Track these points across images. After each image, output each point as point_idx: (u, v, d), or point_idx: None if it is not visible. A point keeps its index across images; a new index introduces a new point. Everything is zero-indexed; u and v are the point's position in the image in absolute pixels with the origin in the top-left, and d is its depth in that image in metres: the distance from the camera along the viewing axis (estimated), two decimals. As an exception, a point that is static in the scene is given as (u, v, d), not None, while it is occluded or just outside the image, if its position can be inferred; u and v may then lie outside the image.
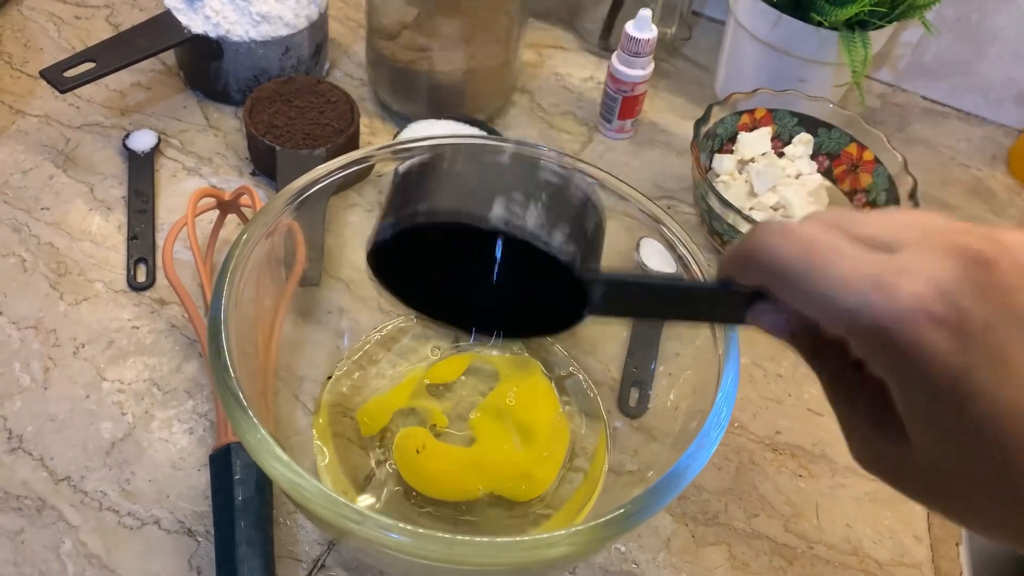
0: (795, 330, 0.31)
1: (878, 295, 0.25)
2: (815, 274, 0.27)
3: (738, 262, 0.30)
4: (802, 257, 0.27)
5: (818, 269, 0.27)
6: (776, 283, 0.29)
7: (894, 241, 0.27)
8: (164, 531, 0.49)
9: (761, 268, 0.29)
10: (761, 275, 0.29)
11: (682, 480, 0.39)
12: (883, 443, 0.29)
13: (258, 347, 0.49)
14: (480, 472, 0.52)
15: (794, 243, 0.28)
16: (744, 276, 0.31)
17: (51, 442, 0.52)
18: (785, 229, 0.29)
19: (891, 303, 0.25)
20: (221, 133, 0.72)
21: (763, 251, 0.29)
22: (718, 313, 0.35)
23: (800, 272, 0.27)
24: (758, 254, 0.29)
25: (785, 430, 0.59)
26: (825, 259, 0.27)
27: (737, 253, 0.30)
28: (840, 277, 0.26)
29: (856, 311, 0.26)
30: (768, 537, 0.53)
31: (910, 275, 0.25)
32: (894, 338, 0.25)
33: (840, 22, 0.69)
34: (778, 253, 0.28)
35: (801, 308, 0.28)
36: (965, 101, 0.86)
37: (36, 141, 0.69)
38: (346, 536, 0.42)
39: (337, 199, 0.56)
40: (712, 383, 0.45)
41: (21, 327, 0.58)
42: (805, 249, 0.27)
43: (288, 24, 0.71)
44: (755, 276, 0.30)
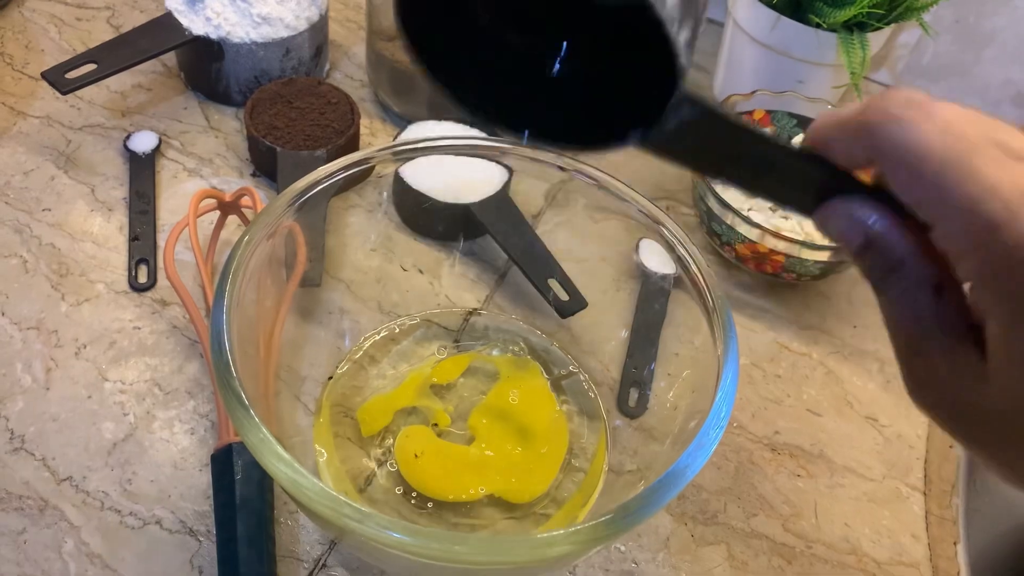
0: (873, 238, 0.27)
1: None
2: (962, 172, 0.23)
3: (853, 129, 0.26)
4: (949, 148, 0.24)
5: (967, 167, 0.23)
6: (901, 170, 0.25)
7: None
8: (166, 531, 0.49)
9: (887, 147, 0.25)
10: (882, 155, 0.25)
11: (681, 479, 0.40)
12: (956, 380, 0.26)
13: (259, 348, 0.49)
14: (480, 473, 0.52)
15: (940, 129, 0.24)
16: (849, 150, 0.26)
17: (53, 442, 0.52)
18: (927, 107, 0.25)
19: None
20: (222, 134, 0.73)
21: (897, 126, 0.24)
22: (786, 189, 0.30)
23: (944, 165, 0.24)
24: (889, 128, 0.25)
25: (784, 430, 0.59)
26: (974, 158, 0.23)
27: (856, 119, 0.26)
28: (990, 184, 0.23)
29: (1000, 226, 0.23)
30: (767, 537, 0.54)
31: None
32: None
33: (838, 24, 0.69)
34: (918, 135, 0.24)
35: (924, 208, 0.24)
36: (963, 102, 0.86)
37: (37, 142, 0.70)
38: (347, 535, 0.42)
39: (338, 200, 0.56)
40: (711, 383, 0.45)
41: (23, 328, 0.58)
42: (954, 139, 0.24)
43: (289, 26, 0.71)
44: (867, 153, 0.25)
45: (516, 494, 0.51)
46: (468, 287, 0.63)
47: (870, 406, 0.61)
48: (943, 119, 0.24)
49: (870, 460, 0.58)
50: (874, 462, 0.58)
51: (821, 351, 0.64)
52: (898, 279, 0.27)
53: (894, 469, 0.58)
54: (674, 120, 0.26)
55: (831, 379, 0.62)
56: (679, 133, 0.27)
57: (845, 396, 0.62)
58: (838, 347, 0.65)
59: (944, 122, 0.24)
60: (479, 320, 0.61)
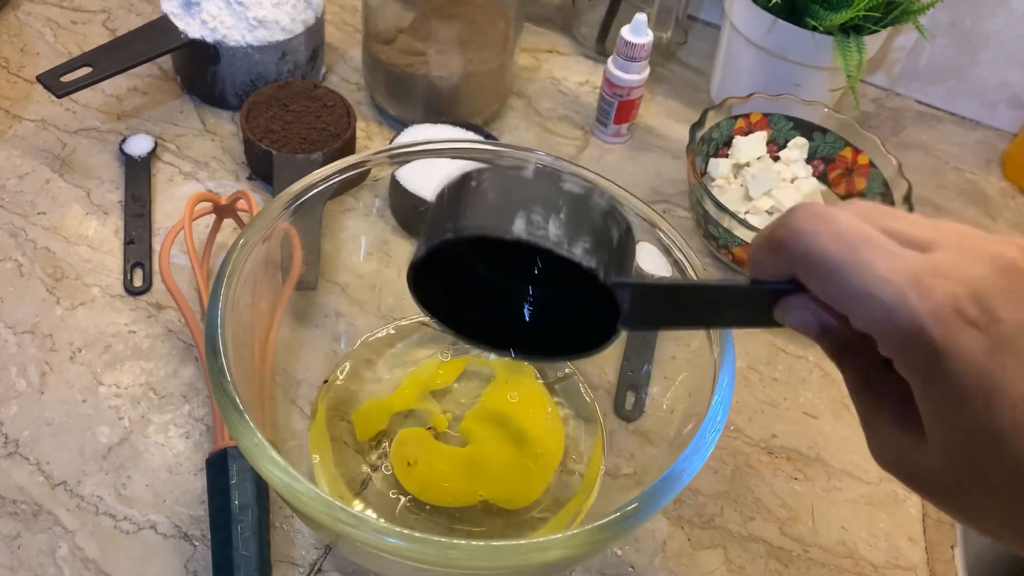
0: (824, 327, 0.30)
1: (915, 294, 0.25)
2: (854, 269, 0.26)
3: (771, 247, 0.29)
4: (841, 250, 0.27)
5: (857, 264, 0.26)
6: (810, 275, 0.28)
7: (928, 241, 0.27)
8: (160, 536, 0.49)
9: (796, 257, 0.28)
10: (795, 265, 0.28)
11: (678, 483, 0.39)
12: (903, 442, 0.28)
13: (255, 351, 0.49)
14: (475, 478, 0.52)
15: (833, 235, 0.27)
16: (775, 264, 0.30)
17: (47, 447, 0.52)
18: (823, 217, 0.28)
19: (926, 302, 0.25)
20: (218, 138, 0.73)
21: (800, 239, 0.28)
22: (747, 313, 0.34)
23: (838, 266, 0.27)
24: (794, 242, 0.28)
25: (781, 433, 0.59)
26: (864, 254, 0.27)
27: (771, 238, 0.29)
28: (879, 275, 0.26)
29: (892, 309, 0.26)
30: (764, 540, 0.53)
31: (945, 276, 0.25)
32: (925, 337, 0.25)
33: (835, 27, 0.69)
34: (816, 243, 0.27)
35: (834, 302, 0.28)
36: (959, 105, 0.87)
37: (33, 146, 0.70)
38: (342, 540, 0.42)
39: (333, 203, 0.56)
40: (708, 386, 0.45)
41: (18, 332, 0.58)
42: (845, 242, 0.27)
43: (285, 29, 0.71)
44: (787, 265, 0.29)
45: (511, 500, 0.51)
46: (464, 290, 0.62)
47: (867, 409, 0.61)
48: (836, 225, 0.27)
49: (867, 463, 0.58)
50: (871, 465, 0.58)
51: (817, 354, 0.64)
52: (850, 356, 0.31)
53: (891, 472, 0.58)
54: (628, 305, 0.32)
55: (827, 382, 0.62)
56: (641, 311, 0.33)
57: (842, 399, 0.61)
58: (835, 350, 0.64)
59: (837, 227, 0.27)
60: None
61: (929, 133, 0.85)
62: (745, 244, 0.62)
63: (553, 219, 0.31)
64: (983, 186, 0.81)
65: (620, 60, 0.72)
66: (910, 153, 0.82)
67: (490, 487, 0.51)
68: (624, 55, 0.71)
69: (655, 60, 0.83)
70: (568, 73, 0.85)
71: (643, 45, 0.70)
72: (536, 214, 0.31)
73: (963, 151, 0.84)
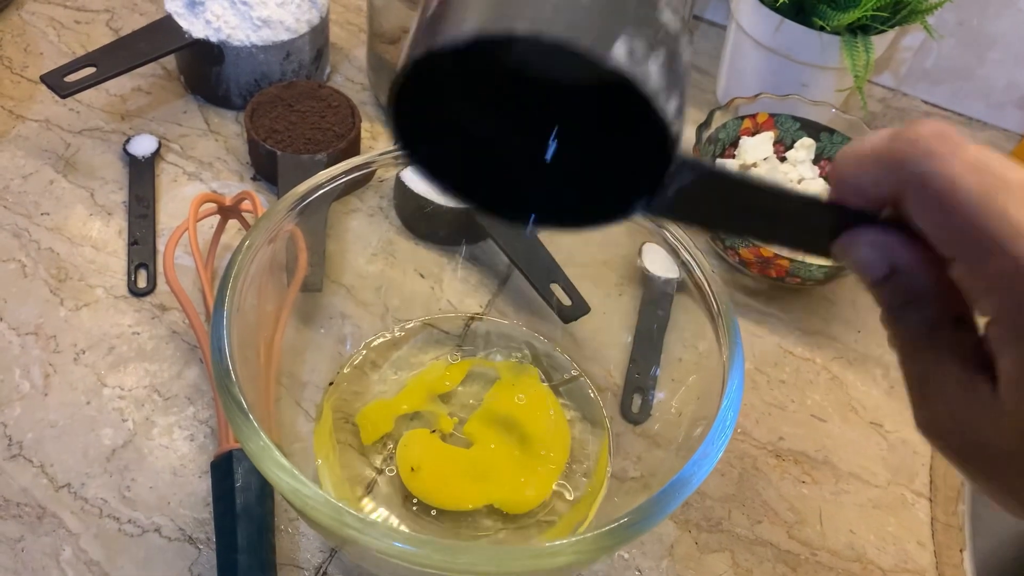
0: (895, 268, 0.27)
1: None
2: (992, 209, 0.24)
3: (881, 162, 0.26)
4: (983, 184, 0.24)
5: (997, 205, 0.24)
6: (930, 205, 0.25)
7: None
8: (165, 538, 0.49)
9: (916, 180, 0.25)
10: (910, 187, 0.25)
11: (687, 487, 0.39)
12: (966, 413, 0.26)
13: (260, 353, 0.49)
14: (480, 482, 0.51)
15: (971, 166, 0.24)
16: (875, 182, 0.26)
17: (51, 449, 0.52)
18: (956, 141, 0.25)
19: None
20: (222, 138, 0.72)
21: (928, 160, 0.25)
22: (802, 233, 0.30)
23: (974, 203, 0.24)
24: (919, 161, 0.25)
25: (788, 436, 0.59)
26: (1007, 197, 0.24)
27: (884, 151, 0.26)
28: (1020, 224, 0.23)
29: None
30: (772, 544, 0.53)
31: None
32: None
33: (842, 27, 0.69)
34: (951, 169, 0.25)
35: (948, 243, 0.25)
36: (966, 106, 0.86)
37: (36, 146, 0.69)
38: (349, 544, 0.41)
39: (338, 204, 0.56)
40: (716, 389, 0.45)
41: (21, 333, 0.57)
42: (987, 177, 0.24)
43: (289, 29, 0.71)
44: (896, 186, 0.26)
45: (516, 504, 0.51)
46: (470, 292, 0.62)
47: (875, 412, 0.61)
48: (975, 156, 0.25)
49: (875, 466, 0.58)
50: (879, 468, 0.58)
51: (825, 356, 0.64)
52: (917, 310, 0.28)
53: (899, 475, 0.58)
54: (674, 187, 0.26)
55: (835, 384, 0.62)
56: (681, 198, 0.27)
57: (849, 402, 0.61)
58: (842, 352, 0.64)
59: (975, 159, 0.24)
60: (481, 325, 0.60)
61: (936, 134, 0.85)
62: (751, 245, 0.62)
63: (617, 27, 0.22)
64: (990, 187, 0.81)
65: (626, 60, 0.71)
66: (917, 154, 0.82)
67: (496, 491, 0.51)
68: (630, 55, 0.71)
69: (661, 60, 0.82)
70: (573, 73, 0.84)
71: (649, 45, 0.70)
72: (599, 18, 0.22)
73: (970, 152, 0.84)
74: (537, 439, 0.54)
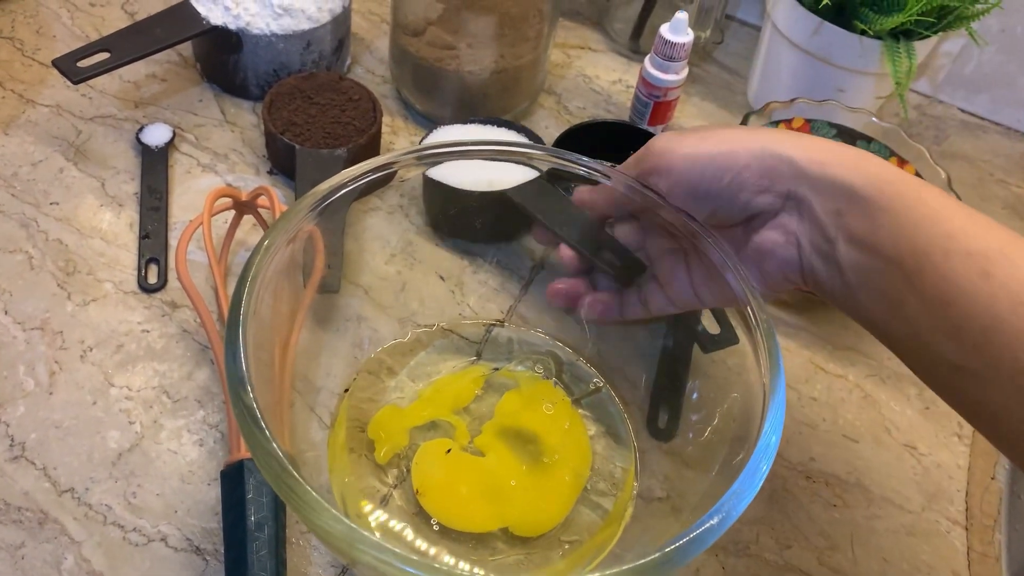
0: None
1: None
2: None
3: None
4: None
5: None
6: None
7: None
8: (171, 549, 0.47)
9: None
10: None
11: (726, 521, 0.37)
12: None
13: (274, 356, 0.46)
14: (495, 503, 0.49)
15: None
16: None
17: (55, 451, 0.50)
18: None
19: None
20: (238, 129, 0.70)
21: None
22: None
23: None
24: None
25: (819, 457, 0.56)
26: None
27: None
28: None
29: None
30: (801, 570, 0.51)
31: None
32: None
33: (884, 31, 0.66)
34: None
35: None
36: (1005, 115, 0.84)
37: (46, 132, 0.67)
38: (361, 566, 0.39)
39: (357, 203, 0.53)
40: (753, 409, 0.42)
41: (27, 328, 0.55)
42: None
43: (311, 18, 0.69)
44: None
45: (531, 527, 0.48)
46: (491, 296, 0.60)
47: (908, 433, 0.59)
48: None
49: (908, 490, 0.56)
50: (913, 493, 0.56)
51: (858, 373, 0.61)
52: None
53: (934, 501, 0.55)
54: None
55: (868, 403, 0.60)
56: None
57: (883, 422, 0.59)
58: (875, 369, 0.62)
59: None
60: (502, 332, 0.58)
61: (973, 143, 0.82)
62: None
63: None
64: (1029, 200, 0.78)
65: (658, 59, 0.69)
66: (953, 164, 0.79)
67: (510, 512, 0.48)
68: (662, 54, 0.68)
69: (691, 60, 0.80)
70: (600, 71, 0.82)
71: (683, 44, 0.68)
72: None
73: (1008, 163, 0.81)
74: (554, 455, 0.51)
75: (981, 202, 0.77)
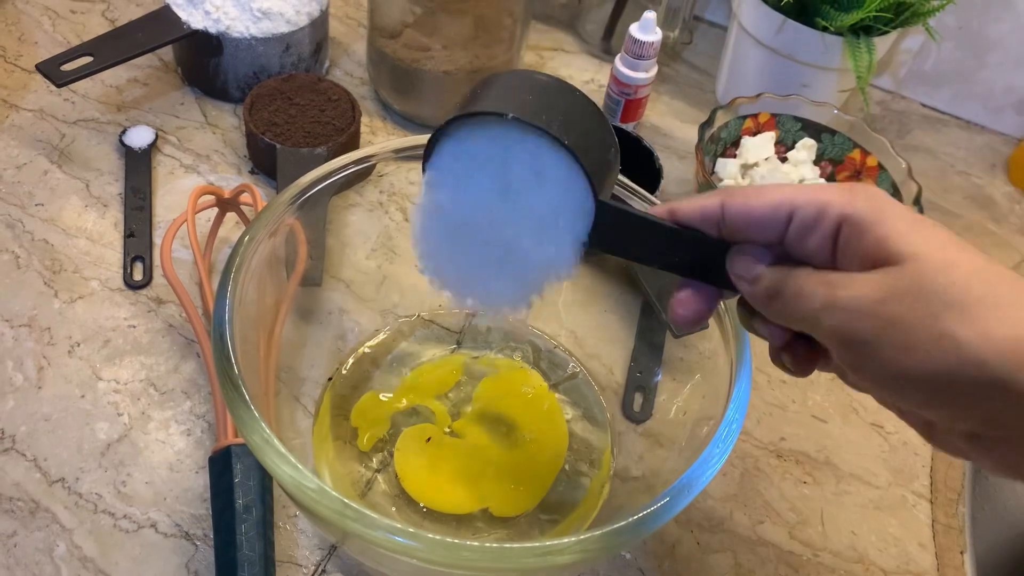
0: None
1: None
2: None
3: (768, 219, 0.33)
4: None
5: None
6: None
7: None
8: (161, 535, 0.48)
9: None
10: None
11: (693, 489, 0.39)
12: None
13: (259, 348, 0.48)
14: (476, 485, 0.50)
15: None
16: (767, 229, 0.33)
17: (45, 443, 0.51)
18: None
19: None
20: (219, 130, 0.71)
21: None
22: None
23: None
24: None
25: (789, 436, 0.58)
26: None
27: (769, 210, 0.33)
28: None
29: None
30: (773, 544, 0.53)
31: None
32: None
33: (845, 27, 0.69)
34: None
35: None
36: (965, 109, 0.86)
37: (30, 136, 0.68)
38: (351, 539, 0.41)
39: (338, 199, 0.55)
40: (721, 389, 0.44)
41: (14, 325, 0.56)
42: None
43: (289, 21, 0.70)
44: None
45: (510, 507, 0.50)
46: (470, 288, 0.61)
47: (876, 413, 0.61)
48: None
49: (876, 467, 0.58)
50: (880, 469, 0.58)
51: (826, 357, 0.63)
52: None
53: (900, 476, 0.57)
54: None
55: (836, 385, 0.62)
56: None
57: (850, 402, 0.61)
58: (843, 353, 0.64)
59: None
60: (481, 321, 0.60)
61: (934, 137, 0.85)
62: (754, 245, 0.62)
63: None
64: (989, 191, 0.81)
65: (628, 58, 0.71)
66: (915, 156, 0.82)
67: (489, 494, 0.50)
68: (632, 53, 0.70)
69: (661, 60, 0.82)
70: (573, 71, 0.84)
71: (652, 43, 0.70)
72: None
73: (968, 155, 0.84)
74: (532, 438, 0.53)
75: (944, 193, 0.80)
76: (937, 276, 0.28)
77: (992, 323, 0.27)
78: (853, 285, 0.30)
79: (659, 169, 0.66)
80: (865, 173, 0.70)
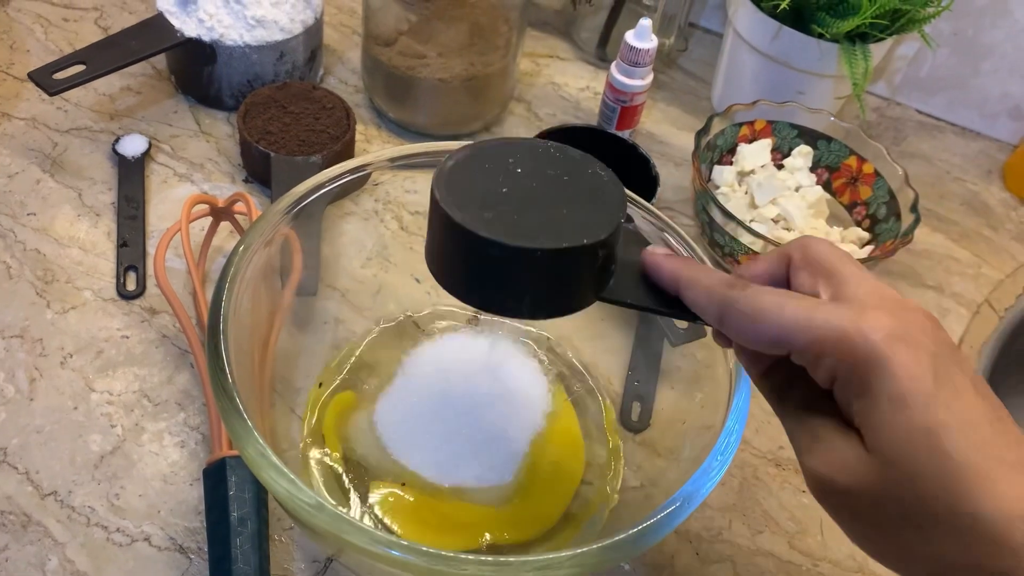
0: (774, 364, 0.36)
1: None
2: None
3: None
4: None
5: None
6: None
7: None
8: (155, 548, 0.48)
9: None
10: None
11: (693, 501, 0.38)
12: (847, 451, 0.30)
13: (254, 358, 0.47)
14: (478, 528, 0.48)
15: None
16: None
17: (37, 455, 0.50)
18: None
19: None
20: (213, 139, 0.71)
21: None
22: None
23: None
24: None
25: (788, 445, 0.57)
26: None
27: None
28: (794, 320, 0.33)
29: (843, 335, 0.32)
30: (773, 554, 0.52)
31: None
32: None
33: (841, 34, 0.69)
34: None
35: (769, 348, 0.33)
36: (960, 115, 0.86)
37: (23, 145, 0.68)
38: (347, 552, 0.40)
39: (333, 208, 0.55)
40: (720, 398, 0.44)
41: (6, 336, 0.56)
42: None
43: (283, 29, 0.70)
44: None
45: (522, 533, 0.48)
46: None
47: (873, 421, 0.60)
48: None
49: (875, 476, 0.57)
50: (879, 478, 0.57)
51: (823, 365, 0.63)
52: (798, 388, 0.34)
53: (899, 485, 0.57)
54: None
55: (834, 393, 0.61)
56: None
57: (848, 410, 0.61)
58: (840, 361, 0.64)
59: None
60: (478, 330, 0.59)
61: (930, 143, 0.85)
62: (751, 252, 0.62)
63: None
64: (985, 197, 0.81)
65: (624, 65, 0.71)
66: (911, 163, 0.82)
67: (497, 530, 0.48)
68: (628, 60, 0.70)
69: (656, 67, 0.82)
70: (569, 78, 0.84)
71: (647, 50, 0.70)
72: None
73: (964, 162, 0.84)
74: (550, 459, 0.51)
75: (940, 199, 0.79)
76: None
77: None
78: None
79: (655, 176, 0.66)
80: (861, 180, 0.70)
